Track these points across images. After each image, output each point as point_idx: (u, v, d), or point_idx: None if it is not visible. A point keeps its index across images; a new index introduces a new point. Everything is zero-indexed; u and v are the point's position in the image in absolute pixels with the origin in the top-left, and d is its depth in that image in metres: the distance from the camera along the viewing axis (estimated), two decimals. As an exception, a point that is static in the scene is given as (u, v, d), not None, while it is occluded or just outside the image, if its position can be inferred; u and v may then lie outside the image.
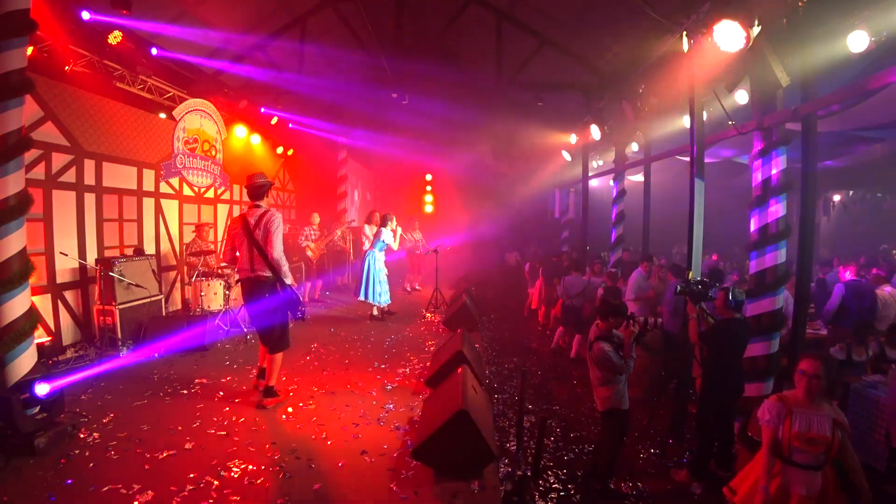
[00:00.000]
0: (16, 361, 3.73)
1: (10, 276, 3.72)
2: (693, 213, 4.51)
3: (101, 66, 6.10)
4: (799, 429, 2.57)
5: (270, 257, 4.28)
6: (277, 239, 4.30)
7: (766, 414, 2.67)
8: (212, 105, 8.55)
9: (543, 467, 3.89)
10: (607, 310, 3.62)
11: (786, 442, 2.59)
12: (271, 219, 4.34)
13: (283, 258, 4.32)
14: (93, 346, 5.77)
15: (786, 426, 2.59)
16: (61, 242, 5.71)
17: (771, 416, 2.65)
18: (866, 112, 5.58)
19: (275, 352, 4.48)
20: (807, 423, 2.58)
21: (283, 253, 4.35)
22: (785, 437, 2.59)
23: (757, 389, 4.27)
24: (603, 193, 13.72)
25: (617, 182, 9.05)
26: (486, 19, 8.38)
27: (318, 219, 9.43)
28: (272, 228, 4.30)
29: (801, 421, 2.58)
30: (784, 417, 2.61)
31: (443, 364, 4.84)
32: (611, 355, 3.46)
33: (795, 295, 4.35)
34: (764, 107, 4.50)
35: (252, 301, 4.45)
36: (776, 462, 2.64)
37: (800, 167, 4.31)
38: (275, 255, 4.28)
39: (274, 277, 4.35)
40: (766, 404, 2.72)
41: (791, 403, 2.64)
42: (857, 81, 4.07)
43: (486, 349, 7.14)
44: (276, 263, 4.28)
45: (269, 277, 4.35)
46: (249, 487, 3.17)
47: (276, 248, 4.28)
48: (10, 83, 3.69)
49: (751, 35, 3.81)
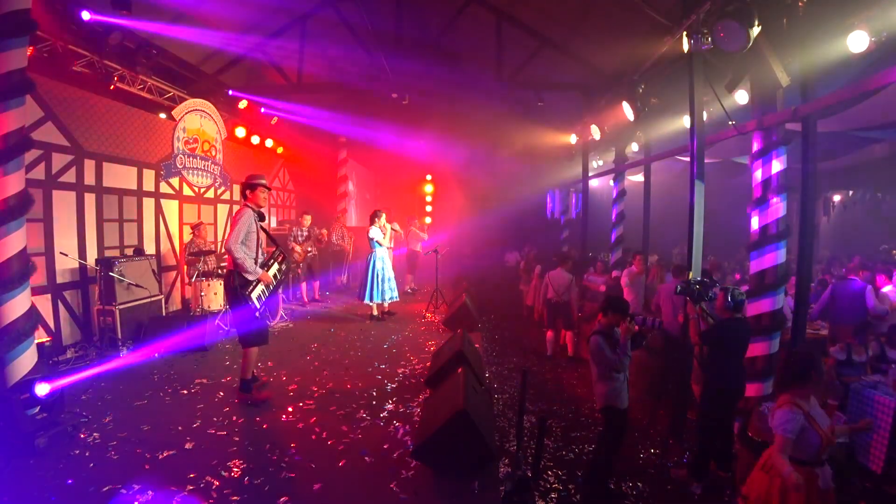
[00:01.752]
0: (16, 361, 3.74)
1: (10, 276, 3.72)
2: (693, 213, 4.51)
3: (101, 66, 6.10)
4: (825, 427, 2.53)
5: (224, 246, 4.38)
6: (235, 230, 4.36)
7: (788, 424, 2.48)
8: (212, 105, 8.55)
9: (543, 467, 3.89)
10: (608, 305, 3.63)
11: (824, 445, 2.49)
12: (239, 213, 4.47)
13: (236, 250, 4.31)
14: (93, 347, 5.77)
15: (817, 429, 2.49)
16: (61, 242, 5.71)
17: (794, 426, 2.48)
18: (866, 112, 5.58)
19: (245, 346, 4.54)
20: (822, 420, 2.56)
21: (238, 245, 4.32)
22: (824, 441, 2.49)
23: (757, 389, 4.27)
24: (603, 193, 13.71)
25: (617, 182, 9.05)
26: (486, 19, 8.37)
27: (308, 220, 9.27)
28: (236, 221, 4.41)
29: (820, 419, 2.55)
30: (810, 424, 2.49)
31: (443, 364, 4.84)
32: (604, 349, 3.46)
33: (795, 295, 4.35)
34: (764, 107, 4.50)
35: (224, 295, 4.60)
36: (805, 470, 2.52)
37: (800, 167, 4.31)
38: (226, 244, 4.39)
39: (233, 270, 4.43)
40: (782, 413, 2.52)
41: (803, 406, 2.54)
42: (857, 81, 4.07)
43: (486, 349, 7.14)
44: (227, 252, 4.39)
45: (231, 271, 4.45)
46: (249, 487, 3.17)
47: (230, 237, 4.37)
48: (11, 83, 3.70)
49: (751, 35, 3.80)
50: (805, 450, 2.51)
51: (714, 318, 3.99)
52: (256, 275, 4.40)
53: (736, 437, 4.00)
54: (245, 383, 4.52)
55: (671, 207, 8.94)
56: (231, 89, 8.69)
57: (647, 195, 8.02)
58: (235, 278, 4.39)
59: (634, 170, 9.24)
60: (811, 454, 2.51)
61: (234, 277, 4.39)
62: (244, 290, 4.35)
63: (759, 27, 3.81)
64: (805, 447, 2.50)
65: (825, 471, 2.55)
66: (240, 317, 4.48)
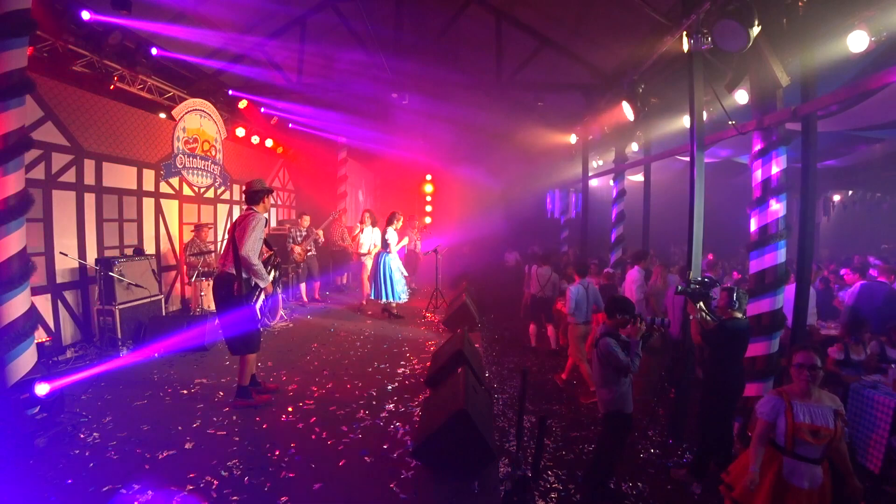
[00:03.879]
0: (16, 361, 3.74)
1: (10, 275, 3.72)
2: (693, 212, 4.51)
3: (101, 66, 6.10)
4: (801, 420, 2.58)
5: (239, 251, 4.25)
6: (250, 237, 4.27)
7: (763, 406, 2.72)
8: (211, 105, 8.55)
9: (543, 467, 3.89)
10: (615, 307, 3.54)
11: (789, 433, 2.59)
12: (251, 218, 4.36)
13: (251, 256, 4.26)
14: (93, 346, 5.77)
15: (788, 418, 2.60)
16: (61, 242, 5.71)
17: (767, 409, 2.69)
18: (866, 112, 5.58)
19: (236, 354, 4.48)
20: (809, 416, 2.59)
21: (254, 252, 4.28)
22: (788, 429, 2.59)
23: (757, 389, 4.27)
24: (603, 193, 13.71)
25: (617, 182, 9.05)
26: (486, 19, 8.37)
27: (307, 221, 9.27)
28: (248, 226, 4.30)
29: (804, 413, 2.60)
30: (784, 411, 2.63)
31: (443, 364, 4.84)
32: (617, 352, 3.37)
33: (795, 295, 4.35)
34: (764, 107, 4.49)
35: (215, 299, 4.49)
36: (775, 457, 2.65)
37: (800, 167, 4.31)
38: (242, 251, 4.25)
39: (236, 276, 4.32)
40: (765, 397, 2.77)
41: (791, 397, 2.66)
42: (857, 81, 4.07)
43: (486, 349, 7.14)
44: (243, 260, 4.26)
45: (233, 275, 4.34)
46: (249, 487, 3.17)
47: (245, 244, 4.25)
48: (11, 83, 3.70)
49: (751, 35, 3.80)
50: (776, 435, 2.66)
51: (714, 318, 3.99)
52: (267, 282, 4.37)
53: (736, 437, 4.00)
54: (243, 390, 4.45)
55: (671, 207, 8.95)
56: (231, 89, 8.69)
57: (647, 195, 8.02)
58: (242, 285, 4.31)
59: (634, 169, 9.24)
60: (780, 441, 2.63)
61: (239, 284, 4.31)
62: (249, 300, 4.30)
63: (759, 27, 3.81)
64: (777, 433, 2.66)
65: (813, 470, 2.58)
66: (231, 322, 4.38)
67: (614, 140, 8.85)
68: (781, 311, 4.45)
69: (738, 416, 4.13)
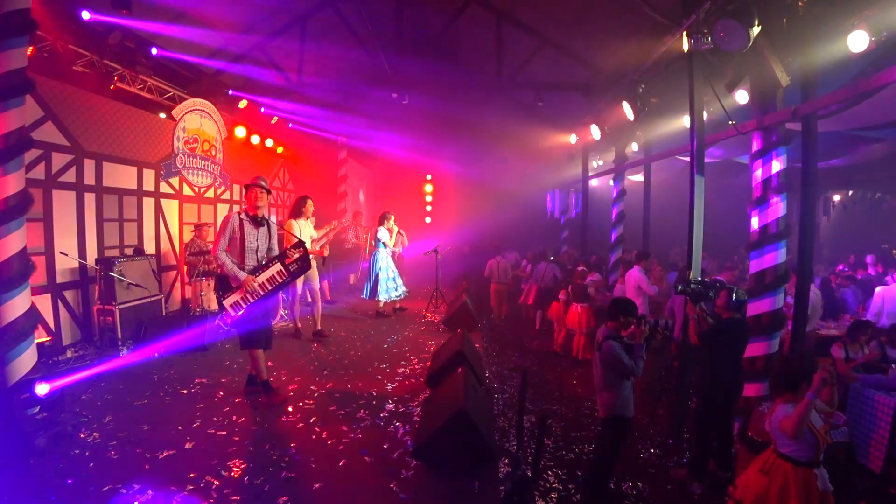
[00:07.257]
0: (16, 361, 3.74)
1: (10, 275, 3.72)
2: (693, 212, 4.50)
3: (101, 66, 6.10)
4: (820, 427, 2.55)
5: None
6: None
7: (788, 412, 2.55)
8: (212, 105, 8.55)
9: (543, 467, 3.89)
10: (617, 309, 3.46)
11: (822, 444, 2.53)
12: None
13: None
14: (93, 346, 5.77)
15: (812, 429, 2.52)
16: (61, 242, 5.71)
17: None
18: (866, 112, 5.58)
19: (244, 348, 4.58)
20: (819, 421, 2.57)
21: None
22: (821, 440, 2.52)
23: (756, 389, 4.26)
24: (603, 193, 13.70)
25: (617, 182, 9.05)
26: (486, 19, 8.37)
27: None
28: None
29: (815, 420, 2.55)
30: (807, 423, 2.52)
31: (443, 364, 4.84)
32: (621, 355, 3.30)
33: (795, 295, 4.35)
34: (764, 107, 4.49)
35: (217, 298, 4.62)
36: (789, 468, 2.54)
37: (800, 167, 4.31)
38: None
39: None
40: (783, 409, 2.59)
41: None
42: (857, 81, 4.06)
43: (486, 349, 7.14)
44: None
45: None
46: (249, 487, 3.17)
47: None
48: (11, 83, 3.70)
49: (751, 35, 3.80)
50: (804, 450, 2.52)
51: (714, 318, 3.98)
52: (240, 280, 4.33)
53: (736, 437, 4.00)
54: (265, 385, 4.54)
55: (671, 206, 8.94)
56: (231, 89, 8.69)
57: (647, 195, 8.01)
58: (218, 283, 4.50)
59: (634, 169, 9.24)
60: (809, 455, 2.52)
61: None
62: (222, 296, 4.38)
63: (759, 27, 3.81)
64: (804, 447, 2.51)
65: (822, 472, 2.56)
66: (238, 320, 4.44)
67: (614, 140, 8.85)
68: (782, 311, 4.45)
69: (738, 416, 4.12)
